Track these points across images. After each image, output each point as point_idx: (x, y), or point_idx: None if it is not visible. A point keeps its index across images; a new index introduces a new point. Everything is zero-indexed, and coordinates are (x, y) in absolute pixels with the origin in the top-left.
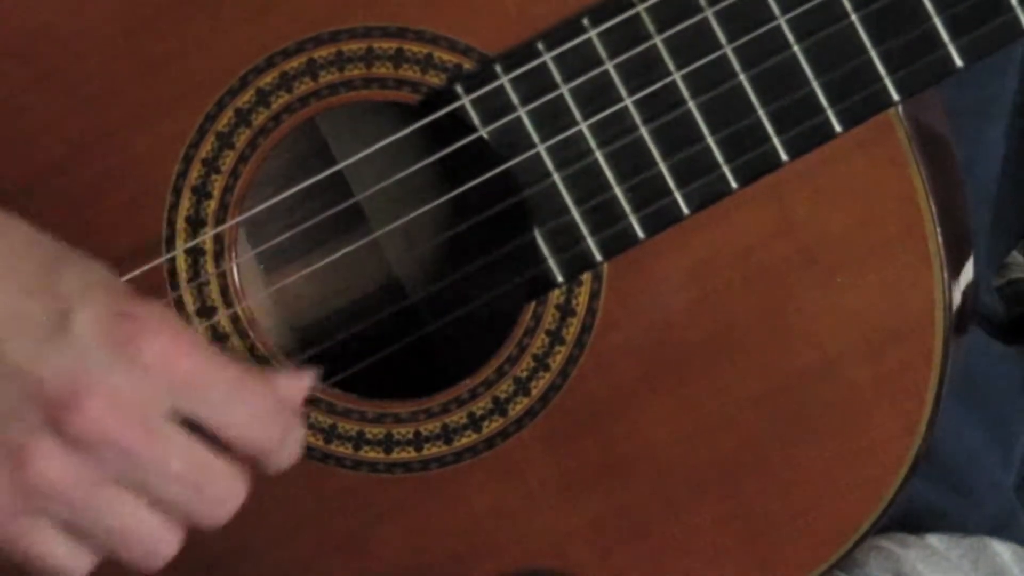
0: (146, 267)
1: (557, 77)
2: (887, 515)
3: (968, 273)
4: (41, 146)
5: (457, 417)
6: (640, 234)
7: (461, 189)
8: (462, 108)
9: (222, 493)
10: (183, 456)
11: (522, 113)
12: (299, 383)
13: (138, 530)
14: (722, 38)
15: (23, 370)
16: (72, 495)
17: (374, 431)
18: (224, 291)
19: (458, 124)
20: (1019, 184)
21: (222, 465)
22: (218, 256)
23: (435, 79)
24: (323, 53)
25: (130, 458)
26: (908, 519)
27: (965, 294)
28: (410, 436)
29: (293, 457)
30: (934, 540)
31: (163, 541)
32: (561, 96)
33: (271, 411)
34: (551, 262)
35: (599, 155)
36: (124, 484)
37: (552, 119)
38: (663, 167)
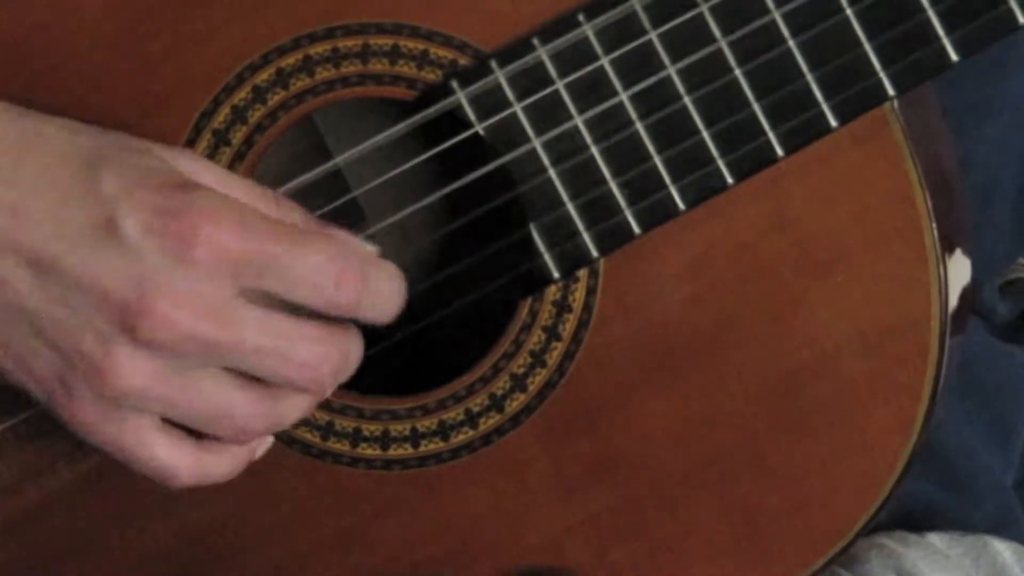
0: None
1: (552, 72)
2: (884, 511)
3: (965, 270)
4: None
5: (454, 414)
6: (636, 229)
7: (457, 184)
8: (458, 104)
9: (306, 356)
10: (259, 331)
11: (517, 109)
12: (361, 242)
13: (232, 411)
14: (717, 33)
15: (86, 282)
16: (160, 393)
17: (371, 428)
18: None
19: (454, 120)
20: None
21: (303, 330)
22: None
23: (431, 75)
24: (319, 49)
25: (208, 347)
26: (909, 517)
27: (963, 291)
28: (407, 433)
29: (393, 307)
30: (935, 538)
31: (256, 416)
32: (557, 91)
33: (341, 265)
34: (547, 258)
35: (595, 150)
36: (209, 369)
37: (548, 114)
38: (659, 162)
